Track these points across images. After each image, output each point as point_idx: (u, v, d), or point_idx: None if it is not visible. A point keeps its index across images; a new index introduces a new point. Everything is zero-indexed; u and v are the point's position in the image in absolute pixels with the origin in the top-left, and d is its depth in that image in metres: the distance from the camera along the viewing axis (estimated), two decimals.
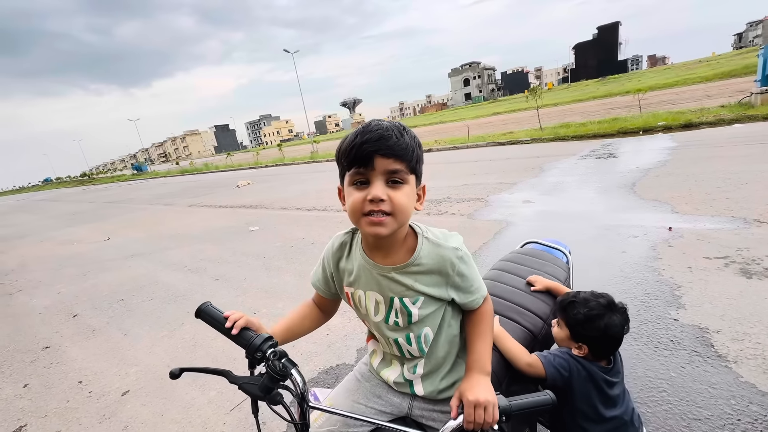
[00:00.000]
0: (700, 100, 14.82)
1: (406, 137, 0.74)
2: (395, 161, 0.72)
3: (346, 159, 0.75)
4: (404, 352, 0.89)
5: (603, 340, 1.09)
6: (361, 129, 0.75)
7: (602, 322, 1.08)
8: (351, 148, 0.73)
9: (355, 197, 0.74)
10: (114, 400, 2.44)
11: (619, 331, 1.09)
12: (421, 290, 0.82)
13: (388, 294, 0.84)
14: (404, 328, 0.86)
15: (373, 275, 0.84)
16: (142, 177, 39.37)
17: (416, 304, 0.83)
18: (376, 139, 0.71)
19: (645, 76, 51.32)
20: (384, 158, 0.71)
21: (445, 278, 0.83)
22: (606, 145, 9.63)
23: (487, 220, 4.99)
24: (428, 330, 0.86)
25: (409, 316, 0.84)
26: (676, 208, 4.25)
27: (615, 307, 1.11)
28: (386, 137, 0.71)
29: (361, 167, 0.73)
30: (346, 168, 0.76)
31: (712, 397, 1.72)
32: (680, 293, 2.59)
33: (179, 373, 0.72)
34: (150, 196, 16.92)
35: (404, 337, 0.87)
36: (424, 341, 0.87)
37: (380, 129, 0.72)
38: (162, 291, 4.31)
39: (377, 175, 0.72)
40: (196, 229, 7.59)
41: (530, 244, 1.70)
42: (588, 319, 1.09)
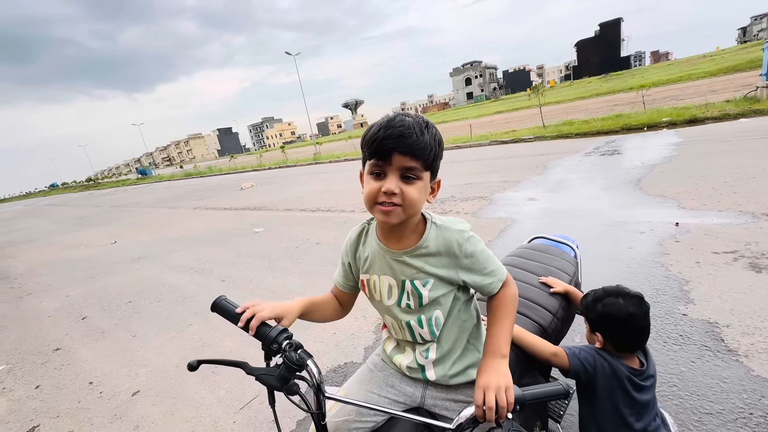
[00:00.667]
0: (704, 96, 14.69)
1: (427, 136, 0.76)
2: (412, 159, 0.75)
3: (368, 149, 0.78)
4: (416, 335, 0.92)
5: (608, 323, 1.09)
6: (385, 122, 0.77)
7: (600, 304, 1.11)
8: (373, 141, 0.76)
9: (372, 186, 0.78)
10: (125, 400, 2.47)
11: (624, 315, 1.06)
12: (431, 272, 0.85)
13: (400, 277, 0.88)
14: (416, 310, 0.89)
15: (386, 260, 0.88)
16: (146, 181, 39.67)
17: (426, 286, 0.86)
18: (396, 136, 0.74)
19: (648, 72, 51.01)
20: (401, 155, 0.74)
21: (453, 260, 0.85)
22: (610, 142, 9.58)
23: (492, 218, 4.98)
24: (439, 313, 0.89)
25: (420, 298, 0.87)
26: (682, 204, 4.22)
27: (623, 293, 1.11)
28: (406, 135, 0.74)
29: (380, 160, 0.76)
30: (367, 157, 0.80)
31: (723, 392, 1.71)
32: (689, 288, 2.57)
33: (197, 365, 0.74)
34: (155, 199, 17.04)
35: (416, 319, 0.89)
36: (435, 324, 0.89)
37: (402, 126, 0.75)
38: (169, 293, 4.34)
39: (393, 170, 0.76)
40: (202, 231, 7.64)
41: (538, 239, 1.70)
42: (593, 301, 1.13)
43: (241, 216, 8.62)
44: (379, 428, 0.91)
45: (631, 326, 1.07)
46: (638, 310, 1.07)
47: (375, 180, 0.78)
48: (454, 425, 0.67)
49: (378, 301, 0.94)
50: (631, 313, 1.07)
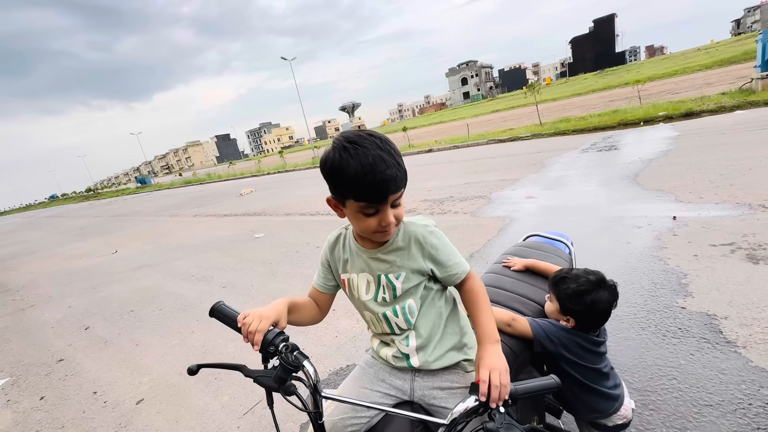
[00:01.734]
0: (700, 89, 14.73)
1: (401, 162, 0.81)
2: (399, 190, 0.82)
3: (356, 195, 0.80)
4: (393, 326, 0.97)
5: (590, 314, 1.16)
6: (368, 167, 0.76)
7: (589, 297, 1.15)
8: (362, 184, 0.78)
9: (369, 223, 0.84)
10: (129, 409, 2.48)
11: (607, 307, 1.15)
12: (403, 265, 0.93)
13: (376, 272, 0.95)
14: (390, 302, 0.96)
15: (364, 258, 0.96)
16: (146, 189, 39.73)
17: (399, 279, 0.93)
18: (388, 180, 0.78)
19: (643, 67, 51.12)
20: (393, 194, 0.81)
21: (420, 250, 0.93)
22: (607, 138, 9.60)
23: (491, 217, 5.00)
24: (411, 302, 0.95)
25: (394, 290, 0.94)
26: (679, 197, 4.24)
27: (604, 283, 1.17)
28: (393, 177, 0.78)
29: (374, 203, 0.81)
30: (352, 198, 0.81)
31: (722, 383, 1.72)
32: (687, 281, 2.59)
33: (197, 369, 0.75)
34: (155, 208, 17.07)
35: (391, 310, 0.96)
36: (409, 312, 0.96)
37: (387, 168, 0.77)
38: (171, 300, 4.36)
39: (386, 205, 0.82)
40: (202, 238, 7.66)
41: (533, 237, 1.72)
42: (576, 294, 1.16)
43: (242, 222, 8.64)
44: (374, 425, 0.93)
45: (606, 314, 1.17)
46: (615, 300, 1.17)
47: (368, 217, 0.83)
48: (449, 420, 0.69)
49: (357, 299, 1.01)
50: (612, 305, 1.16)
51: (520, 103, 33.35)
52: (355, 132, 0.82)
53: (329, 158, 0.80)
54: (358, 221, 0.85)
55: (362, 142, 0.78)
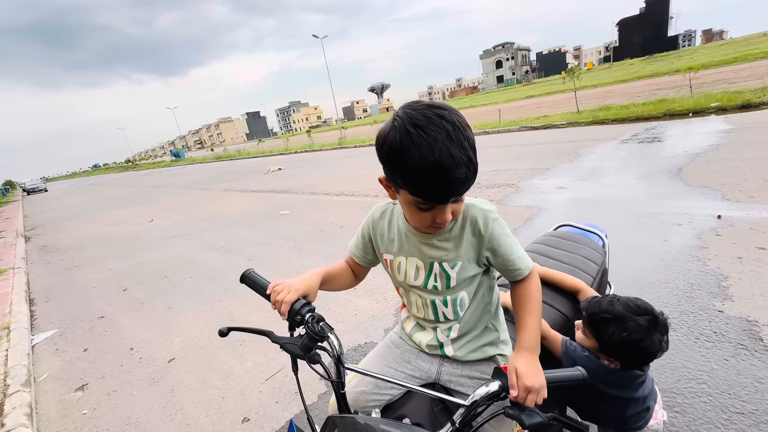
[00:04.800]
0: (761, 78, 13.43)
1: (473, 157, 0.68)
2: (464, 192, 0.73)
3: (412, 189, 0.70)
4: (439, 314, 0.93)
5: (641, 359, 1.01)
6: (433, 164, 0.65)
7: (642, 345, 0.97)
8: (423, 184, 0.68)
9: (422, 218, 0.76)
10: (161, 366, 2.66)
11: (659, 349, 0.99)
12: (459, 253, 0.85)
13: (428, 259, 0.88)
14: (442, 291, 0.90)
15: (414, 242, 0.88)
16: (180, 163, 41.30)
17: (455, 268, 0.86)
18: (452, 183, 0.67)
19: (698, 53, 47.11)
20: (456, 196, 0.72)
21: (479, 239, 0.85)
22: (650, 129, 9.02)
23: (518, 206, 4.86)
24: (464, 295, 0.90)
25: (448, 280, 0.87)
26: (727, 195, 3.95)
27: (657, 324, 0.99)
28: (460, 180, 0.67)
29: (431, 201, 0.71)
30: (407, 191, 0.72)
31: (758, 392, 1.63)
32: (727, 284, 2.44)
33: (227, 331, 0.79)
34: (188, 181, 17.77)
35: (441, 300, 0.90)
36: (460, 305, 0.91)
37: (455, 167, 0.65)
38: (201, 269, 4.57)
39: (446, 205, 0.73)
40: (231, 212, 7.93)
41: (564, 227, 1.65)
42: (626, 343, 0.98)
43: (269, 198, 8.85)
44: (395, 401, 0.95)
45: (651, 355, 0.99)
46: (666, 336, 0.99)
47: (422, 212, 0.74)
48: (469, 402, 0.69)
49: (402, 281, 0.94)
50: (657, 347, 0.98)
51: (558, 89, 31.71)
52: (422, 111, 0.67)
53: (387, 139, 0.69)
54: (411, 213, 0.77)
55: (430, 127, 0.65)
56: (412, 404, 0.89)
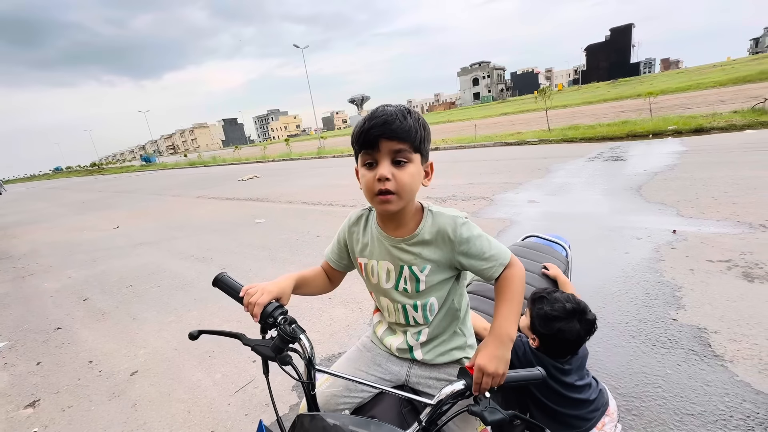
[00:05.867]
0: (712, 105, 14.61)
1: (410, 119, 0.80)
2: (399, 142, 0.79)
3: (357, 143, 0.83)
4: (409, 318, 0.96)
5: (554, 341, 1.12)
6: (369, 115, 0.82)
7: (558, 325, 1.09)
8: (360, 133, 0.81)
9: (367, 177, 0.82)
10: (123, 380, 2.53)
11: (574, 338, 1.10)
12: (429, 257, 0.89)
13: (398, 263, 0.92)
14: (412, 295, 0.93)
15: (386, 246, 0.93)
16: (150, 168, 39.80)
17: (424, 272, 0.90)
18: (381, 124, 0.78)
19: (657, 80, 50.67)
20: (388, 141, 0.79)
21: (449, 245, 0.88)
22: (614, 148, 9.57)
23: (492, 218, 5.01)
24: (434, 300, 0.93)
25: (417, 283, 0.91)
26: (681, 212, 4.24)
27: (580, 315, 1.11)
28: (390, 122, 0.78)
29: (369, 149, 0.81)
30: (357, 151, 0.84)
31: (706, 394, 1.75)
32: (681, 294, 2.61)
33: (198, 334, 0.78)
34: (158, 187, 17.13)
35: (412, 304, 0.94)
36: (429, 310, 0.94)
37: (385, 114, 0.79)
38: (169, 278, 4.40)
39: (383, 155, 0.80)
40: (204, 220, 7.71)
41: (531, 237, 1.74)
42: (546, 317, 1.11)
43: (244, 206, 8.68)
44: (365, 403, 0.96)
45: (576, 346, 1.13)
46: (588, 334, 1.12)
47: (368, 170, 0.82)
48: (435, 401, 0.71)
49: (375, 284, 0.98)
50: (581, 337, 1.11)
51: (530, 107, 33.13)
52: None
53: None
54: (362, 178, 0.84)
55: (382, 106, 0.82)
56: (381, 406, 0.91)
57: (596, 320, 1.15)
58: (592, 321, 1.13)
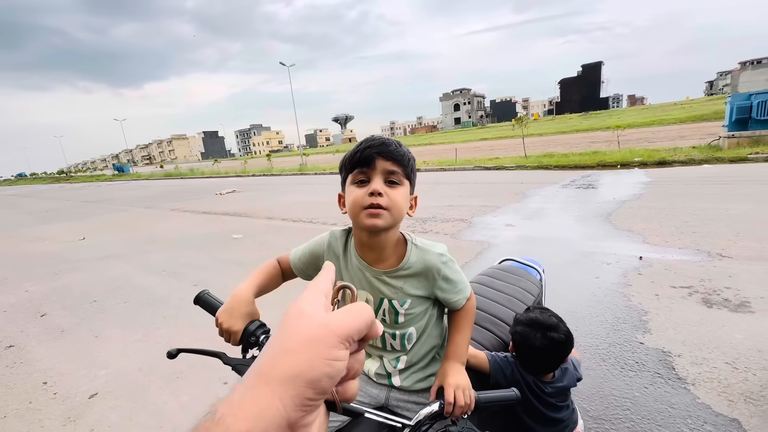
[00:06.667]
0: (673, 140, 15.71)
1: (404, 149, 0.87)
2: (393, 164, 0.83)
3: (350, 162, 0.85)
4: (387, 345, 0.97)
5: (519, 346, 1.17)
6: (365, 139, 0.87)
7: (521, 328, 1.17)
8: (356, 152, 0.85)
9: (357, 193, 0.83)
10: (80, 403, 2.36)
11: (537, 346, 1.13)
12: (410, 292, 0.91)
13: (379, 295, 0.92)
14: (391, 326, 0.94)
15: (366, 277, 0.92)
16: (123, 178, 38.43)
17: (404, 306, 0.91)
18: (378, 145, 0.83)
19: (624, 114, 54.09)
20: (384, 160, 0.82)
21: (431, 282, 0.91)
22: (586, 176, 10.05)
23: (470, 240, 5.11)
24: (413, 330, 0.95)
25: (396, 316, 0.92)
26: (647, 239, 4.48)
27: (545, 329, 1.14)
28: (387, 143, 0.84)
29: (364, 167, 0.83)
30: (349, 170, 0.86)
31: (671, 417, 1.82)
32: (647, 318, 2.73)
33: (176, 353, 0.77)
34: (131, 197, 16.52)
35: (390, 333, 0.95)
36: (408, 339, 0.95)
37: (381, 138, 0.85)
38: (138, 294, 4.21)
39: (377, 173, 0.83)
40: (178, 233, 7.46)
41: (507, 261, 1.80)
42: (516, 320, 1.21)
43: (221, 221, 8.48)
44: (343, 427, 0.95)
45: (547, 360, 1.16)
46: (548, 350, 1.14)
47: (359, 187, 0.83)
48: (414, 422, 0.72)
49: None
50: (542, 351, 1.14)
51: (508, 134, 34.51)
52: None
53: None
54: (351, 195, 0.83)
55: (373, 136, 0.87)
56: (360, 429, 0.91)
57: (565, 343, 1.16)
58: (552, 338, 1.13)
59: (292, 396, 0.25)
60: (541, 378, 1.20)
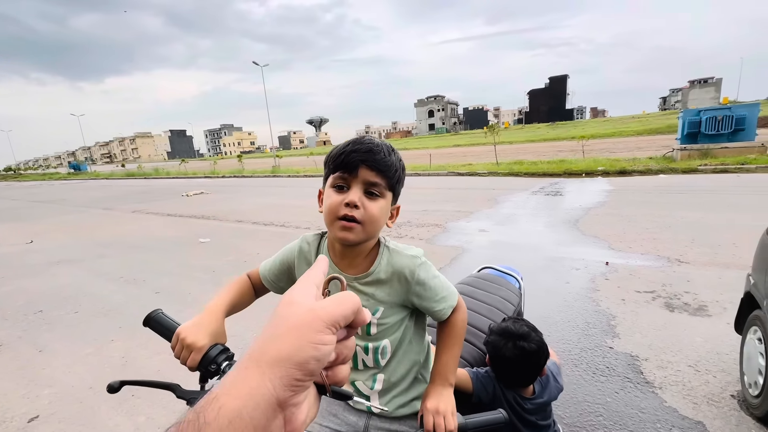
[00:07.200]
0: (632, 151, 16.69)
1: (393, 157, 0.80)
2: (377, 174, 0.76)
3: (333, 162, 0.78)
4: (358, 362, 0.88)
5: (492, 356, 1.13)
6: (353, 139, 0.80)
7: (494, 337, 1.14)
8: (340, 153, 0.78)
9: (334, 199, 0.77)
10: (17, 428, 2.11)
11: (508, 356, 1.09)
12: (382, 299, 0.83)
13: None
14: (362, 337, 0.86)
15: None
16: (79, 177, 36.03)
17: (376, 315, 0.84)
18: (365, 150, 0.76)
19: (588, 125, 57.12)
20: (368, 169, 0.76)
21: (405, 287, 0.83)
22: (554, 184, 10.44)
23: (445, 245, 5.13)
24: (387, 343, 0.86)
25: (368, 326, 0.84)
26: (612, 245, 4.66)
27: (517, 339, 1.10)
28: (375, 151, 0.77)
29: (345, 173, 0.76)
30: (331, 171, 0.79)
31: (641, 422, 1.85)
32: (615, 323, 2.81)
33: (119, 386, 0.66)
34: (88, 198, 15.47)
35: (362, 346, 0.86)
36: (381, 353, 0.87)
37: (371, 143, 0.78)
38: (91, 303, 3.88)
39: (358, 182, 0.76)
40: (139, 237, 7.02)
41: (486, 269, 1.78)
42: (490, 329, 1.18)
43: (187, 224, 8.07)
44: None
45: (513, 369, 1.11)
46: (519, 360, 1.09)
47: (337, 193, 0.77)
48: None
49: None
50: (511, 359, 1.09)
51: (480, 141, 35.42)
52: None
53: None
54: (328, 198, 0.78)
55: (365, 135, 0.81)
56: None
57: (537, 352, 1.11)
58: (522, 348, 1.09)
59: (281, 377, 0.26)
60: (520, 393, 1.15)
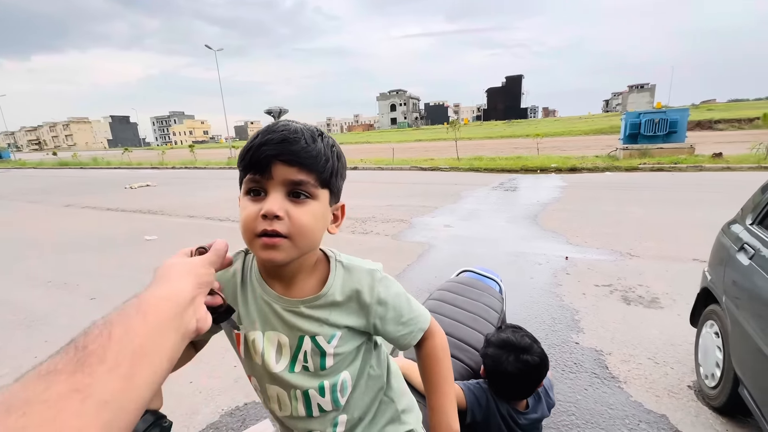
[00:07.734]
0: (581, 149, 17.78)
1: (320, 143, 0.60)
2: (300, 170, 0.58)
3: (242, 162, 0.61)
4: (313, 409, 0.69)
5: (492, 372, 1.07)
6: (264, 128, 0.61)
7: (491, 350, 1.08)
8: (248, 149, 0.59)
9: (248, 211, 0.59)
10: None
11: (510, 371, 1.04)
12: (338, 323, 0.66)
13: (296, 333, 0.65)
14: (315, 374, 0.67)
15: (276, 311, 0.66)
16: (1, 165, 31.91)
17: (332, 342, 0.66)
18: (277, 142, 0.57)
19: (540, 124, 60.31)
20: (285, 166, 0.57)
21: (365, 309, 0.68)
22: (512, 180, 10.81)
23: (412, 241, 5.07)
24: (347, 376, 0.69)
25: (323, 358, 0.66)
26: (570, 240, 4.85)
27: (518, 351, 1.05)
28: (291, 141, 0.58)
29: (257, 174, 0.58)
30: (242, 173, 0.62)
31: (611, 418, 1.88)
32: (578, 318, 2.88)
33: None
34: (10, 190, 13.68)
35: (316, 387, 0.68)
36: (341, 391, 0.69)
37: (286, 130, 0.59)
38: (9, 312, 3.35)
39: (275, 185, 0.58)
40: (72, 234, 6.26)
41: (466, 272, 1.69)
42: (487, 343, 1.11)
43: (131, 220, 7.35)
44: None
45: (513, 383, 1.06)
46: (522, 373, 1.04)
47: (253, 201, 0.59)
48: None
49: (258, 366, 0.68)
50: (513, 373, 1.04)
51: (441, 136, 36.08)
52: None
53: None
54: (243, 210, 0.60)
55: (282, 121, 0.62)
56: None
57: (539, 366, 1.06)
58: (525, 362, 1.04)
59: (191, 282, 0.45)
60: (514, 406, 1.09)
